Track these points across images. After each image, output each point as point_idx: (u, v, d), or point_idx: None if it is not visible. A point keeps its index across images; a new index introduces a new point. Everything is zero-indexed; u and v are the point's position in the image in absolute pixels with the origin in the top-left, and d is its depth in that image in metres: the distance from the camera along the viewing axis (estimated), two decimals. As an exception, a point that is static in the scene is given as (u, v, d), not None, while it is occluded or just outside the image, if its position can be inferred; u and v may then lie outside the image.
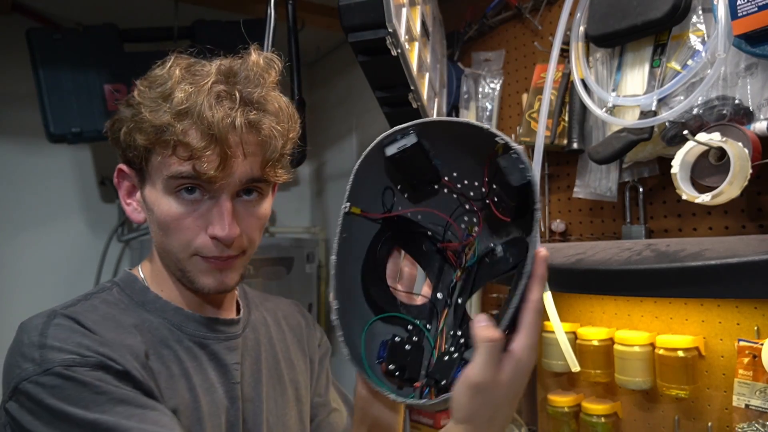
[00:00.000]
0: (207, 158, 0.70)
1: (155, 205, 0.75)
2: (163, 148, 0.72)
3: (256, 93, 0.74)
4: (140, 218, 0.80)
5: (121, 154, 0.79)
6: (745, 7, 0.95)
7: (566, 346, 1.19)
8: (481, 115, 1.73)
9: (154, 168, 0.74)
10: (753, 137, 1.02)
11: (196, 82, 0.72)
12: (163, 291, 0.81)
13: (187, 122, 0.70)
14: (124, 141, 0.76)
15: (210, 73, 0.73)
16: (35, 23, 1.95)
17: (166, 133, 0.70)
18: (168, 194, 0.74)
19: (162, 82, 0.73)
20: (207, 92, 0.71)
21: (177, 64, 0.75)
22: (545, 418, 1.42)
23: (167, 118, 0.70)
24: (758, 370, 0.98)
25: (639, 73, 1.20)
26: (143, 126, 0.72)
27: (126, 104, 0.77)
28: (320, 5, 1.95)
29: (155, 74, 0.76)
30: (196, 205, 0.74)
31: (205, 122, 0.69)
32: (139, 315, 0.78)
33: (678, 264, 0.96)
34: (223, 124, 0.69)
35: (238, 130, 0.71)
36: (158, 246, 0.79)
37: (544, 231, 1.51)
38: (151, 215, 0.77)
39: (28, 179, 2.18)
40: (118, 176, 0.81)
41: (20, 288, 2.07)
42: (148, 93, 0.74)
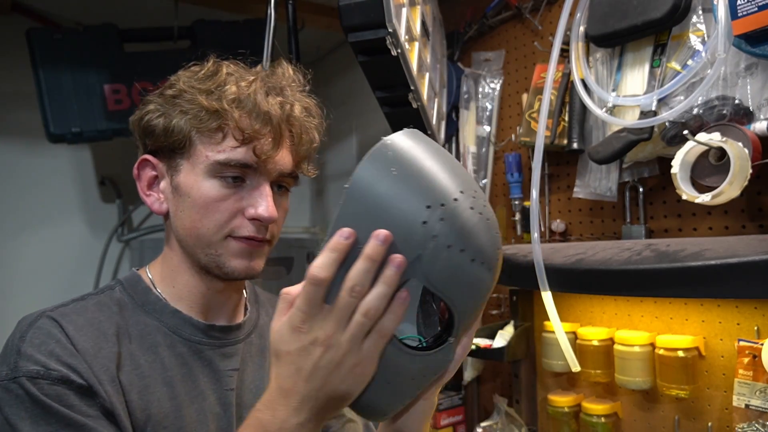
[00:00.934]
0: (263, 141, 0.76)
1: (193, 188, 0.76)
2: (213, 132, 0.75)
3: (295, 94, 0.82)
4: (163, 209, 0.80)
5: (149, 143, 0.80)
6: (745, 7, 0.95)
7: (566, 346, 1.20)
8: (481, 115, 1.73)
9: (197, 152, 0.76)
10: (753, 137, 1.02)
11: (244, 78, 0.78)
12: (174, 287, 0.81)
13: (242, 110, 0.75)
14: (163, 129, 0.77)
15: (254, 72, 0.80)
16: (35, 23, 1.95)
17: (221, 118, 0.75)
18: (211, 177, 0.76)
19: (210, 74, 0.78)
20: (257, 87, 0.77)
21: (220, 63, 0.80)
22: (545, 418, 1.42)
23: (223, 104, 0.75)
24: (758, 370, 0.98)
25: (639, 73, 1.20)
26: (191, 110, 0.75)
27: (160, 96, 0.80)
28: (320, 5, 1.95)
29: (195, 70, 0.80)
30: (237, 188, 0.77)
31: (261, 109, 0.76)
32: (135, 317, 0.78)
33: (678, 264, 0.96)
34: (276, 112, 0.77)
35: (286, 121, 0.78)
36: (186, 233, 0.78)
37: (544, 231, 1.51)
38: (183, 201, 0.77)
39: (28, 179, 2.18)
40: (139, 167, 0.81)
41: (20, 288, 2.07)
42: (195, 83, 0.77)
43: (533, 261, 1.17)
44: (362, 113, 2.28)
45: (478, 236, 0.55)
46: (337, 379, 0.56)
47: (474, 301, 0.59)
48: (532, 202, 1.22)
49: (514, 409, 1.48)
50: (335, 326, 0.55)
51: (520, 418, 1.46)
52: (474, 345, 1.43)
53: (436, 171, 0.56)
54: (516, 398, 1.49)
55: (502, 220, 1.68)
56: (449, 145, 1.80)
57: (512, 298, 1.48)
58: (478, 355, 1.45)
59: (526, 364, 1.47)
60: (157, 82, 1.96)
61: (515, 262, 1.27)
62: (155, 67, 1.88)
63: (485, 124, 1.72)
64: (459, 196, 0.55)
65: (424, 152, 0.57)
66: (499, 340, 1.43)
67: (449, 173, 0.56)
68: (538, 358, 1.44)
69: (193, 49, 1.90)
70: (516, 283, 1.39)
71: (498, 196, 1.71)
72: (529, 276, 1.18)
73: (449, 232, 0.54)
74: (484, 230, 0.56)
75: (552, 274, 1.15)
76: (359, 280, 0.54)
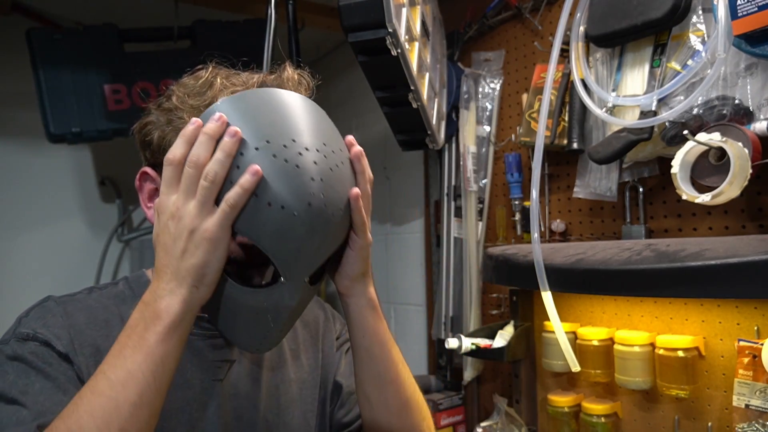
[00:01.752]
0: None
1: None
2: None
3: None
4: None
5: (149, 156, 0.80)
6: (745, 7, 0.95)
7: (566, 346, 1.20)
8: (481, 115, 1.73)
9: None
10: (753, 137, 1.02)
11: (237, 90, 0.74)
12: None
13: None
14: (156, 144, 0.77)
15: (249, 82, 0.76)
16: (35, 23, 1.95)
17: None
18: None
19: (201, 90, 0.76)
20: None
21: (215, 73, 0.78)
22: (545, 418, 1.42)
23: None
24: (758, 370, 0.98)
25: (639, 73, 1.20)
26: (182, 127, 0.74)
27: (158, 108, 0.78)
28: (320, 5, 1.95)
29: (190, 83, 0.78)
30: None
31: None
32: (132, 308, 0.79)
33: (678, 264, 0.96)
34: None
35: None
36: None
37: (544, 231, 1.51)
38: None
39: (28, 179, 2.18)
40: (141, 179, 0.81)
41: (20, 288, 2.07)
42: (188, 100, 0.75)
43: (533, 261, 1.17)
44: (362, 113, 2.28)
45: (273, 182, 0.62)
46: (192, 247, 0.62)
47: (284, 245, 0.64)
48: (532, 202, 1.22)
49: (514, 409, 1.48)
50: (184, 197, 0.63)
51: (520, 418, 1.46)
52: (474, 345, 1.43)
53: (268, 117, 0.66)
54: (516, 398, 1.49)
55: (502, 220, 1.68)
56: (449, 145, 1.80)
57: (512, 298, 1.48)
58: (478, 355, 1.45)
59: (526, 364, 1.47)
60: (157, 82, 1.98)
61: (515, 262, 1.27)
62: (155, 67, 1.88)
63: (485, 124, 1.72)
64: (261, 144, 0.63)
65: (278, 103, 0.68)
66: (499, 340, 1.43)
67: (271, 122, 0.65)
68: (538, 358, 1.44)
69: (193, 49, 1.92)
70: (516, 283, 1.39)
71: (498, 196, 1.71)
72: (529, 276, 1.18)
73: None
74: (283, 177, 0.62)
75: (552, 274, 1.15)
76: (198, 151, 0.63)
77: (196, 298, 0.64)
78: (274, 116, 0.66)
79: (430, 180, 2.01)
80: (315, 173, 0.64)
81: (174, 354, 0.63)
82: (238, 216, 0.62)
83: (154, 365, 0.60)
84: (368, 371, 0.80)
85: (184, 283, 0.63)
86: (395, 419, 0.81)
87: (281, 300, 0.69)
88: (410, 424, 0.82)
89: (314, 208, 0.63)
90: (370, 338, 0.79)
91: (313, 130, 0.67)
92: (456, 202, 1.78)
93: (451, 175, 1.80)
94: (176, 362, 0.63)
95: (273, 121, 0.66)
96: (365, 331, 0.79)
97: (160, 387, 0.61)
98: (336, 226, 0.68)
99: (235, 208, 0.62)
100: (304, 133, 0.66)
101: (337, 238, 0.70)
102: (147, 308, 0.63)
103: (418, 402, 0.84)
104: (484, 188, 1.73)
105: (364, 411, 0.83)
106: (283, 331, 0.74)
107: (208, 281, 0.64)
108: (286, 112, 0.67)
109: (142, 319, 0.62)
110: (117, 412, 0.58)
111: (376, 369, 0.80)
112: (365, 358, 0.80)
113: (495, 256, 1.36)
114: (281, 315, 0.70)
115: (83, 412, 0.58)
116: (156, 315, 0.62)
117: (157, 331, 0.61)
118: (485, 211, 1.73)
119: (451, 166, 1.80)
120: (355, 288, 0.78)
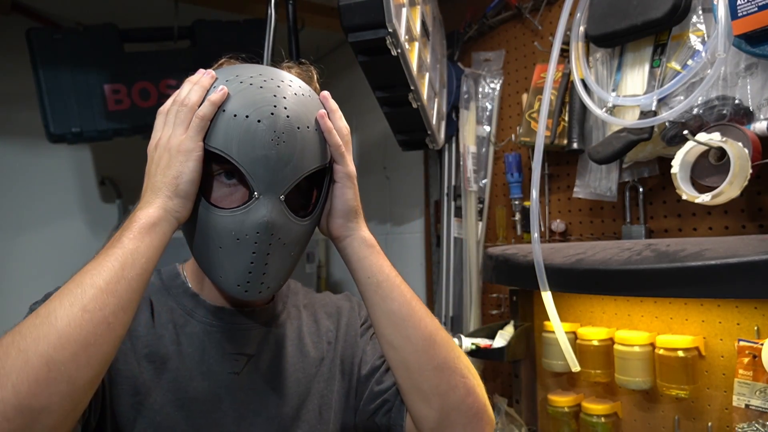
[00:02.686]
0: None
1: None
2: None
3: None
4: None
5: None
6: (745, 7, 0.95)
7: (566, 346, 1.20)
8: (481, 115, 1.73)
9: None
10: (753, 137, 1.02)
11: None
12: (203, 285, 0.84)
13: None
14: None
15: None
16: (35, 23, 1.95)
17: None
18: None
19: None
20: None
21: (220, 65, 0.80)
22: (545, 418, 1.42)
23: None
24: (758, 370, 0.98)
25: (639, 73, 1.20)
26: None
27: None
28: (320, 5, 1.96)
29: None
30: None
31: None
32: (160, 298, 0.83)
33: (678, 264, 0.96)
34: None
35: None
36: None
37: (544, 231, 1.51)
38: None
39: (28, 179, 2.18)
40: None
41: (20, 287, 2.07)
42: None
43: (533, 261, 1.17)
44: (362, 113, 2.28)
45: (239, 98, 0.70)
46: (166, 162, 0.69)
47: (252, 152, 0.69)
48: (532, 202, 1.22)
49: (514, 409, 1.48)
50: (167, 130, 0.71)
51: (520, 418, 1.46)
52: (474, 345, 1.43)
53: (246, 71, 0.74)
54: (516, 398, 1.49)
55: (502, 220, 1.68)
56: (449, 145, 1.80)
57: (512, 298, 1.48)
58: (478, 355, 1.45)
59: (526, 364, 1.47)
60: (157, 82, 1.98)
61: (515, 262, 1.27)
62: (155, 67, 1.88)
63: (485, 124, 1.72)
64: (231, 78, 0.72)
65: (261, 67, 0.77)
66: (499, 340, 1.43)
67: (248, 71, 0.74)
68: (538, 358, 1.44)
69: (193, 49, 1.92)
70: (516, 283, 1.39)
71: (498, 196, 1.71)
72: (529, 276, 1.18)
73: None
74: (248, 94, 0.70)
75: (552, 274, 1.15)
76: (182, 92, 0.72)
77: (171, 206, 0.68)
78: (251, 70, 0.75)
79: (430, 180, 2.01)
80: (278, 92, 0.71)
81: (145, 253, 0.65)
82: (211, 131, 0.69)
83: (123, 256, 0.63)
84: (382, 312, 0.78)
85: (159, 193, 0.68)
86: (423, 357, 0.76)
87: (257, 215, 0.70)
88: (441, 358, 0.76)
89: (277, 117, 0.69)
90: (376, 276, 0.78)
91: (285, 75, 0.75)
92: (456, 202, 1.78)
93: (451, 175, 1.80)
94: (148, 263, 0.65)
95: (249, 71, 0.74)
96: (368, 269, 0.78)
97: (129, 280, 0.62)
98: (304, 140, 0.71)
99: (204, 119, 0.69)
100: (275, 73, 0.74)
101: (309, 153, 0.72)
102: (127, 221, 0.67)
103: (443, 338, 0.78)
104: (484, 188, 1.73)
105: (392, 359, 0.79)
106: (271, 267, 0.73)
107: (182, 191, 0.68)
108: (264, 68, 0.76)
109: (120, 229, 0.66)
110: (82, 293, 0.59)
111: (389, 307, 0.77)
112: (376, 299, 0.78)
113: (495, 256, 1.36)
114: (261, 239, 0.71)
115: (54, 297, 0.59)
116: (132, 220, 0.66)
117: (131, 230, 0.65)
118: (485, 211, 1.73)
119: (451, 166, 1.80)
120: (348, 228, 0.79)
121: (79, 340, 0.57)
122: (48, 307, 0.58)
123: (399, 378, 0.79)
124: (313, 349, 0.90)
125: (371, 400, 0.87)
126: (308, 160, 0.72)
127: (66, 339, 0.56)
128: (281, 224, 0.71)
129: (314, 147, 0.73)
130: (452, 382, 0.76)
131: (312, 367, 0.88)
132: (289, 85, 0.73)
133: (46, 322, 0.57)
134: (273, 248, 0.72)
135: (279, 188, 0.70)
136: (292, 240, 0.74)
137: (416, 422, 0.79)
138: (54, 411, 0.55)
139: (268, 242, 0.71)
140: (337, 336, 0.93)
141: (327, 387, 0.89)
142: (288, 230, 0.73)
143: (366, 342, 0.93)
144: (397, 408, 0.83)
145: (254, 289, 0.74)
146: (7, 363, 0.54)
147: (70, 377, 0.56)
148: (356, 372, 0.91)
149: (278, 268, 0.75)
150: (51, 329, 0.56)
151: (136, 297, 0.63)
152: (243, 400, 0.80)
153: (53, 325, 0.56)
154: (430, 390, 0.76)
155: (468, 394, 0.77)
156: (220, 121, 0.69)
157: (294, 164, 0.71)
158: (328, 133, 0.74)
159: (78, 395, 0.57)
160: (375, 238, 0.81)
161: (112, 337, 0.60)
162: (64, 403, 0.56)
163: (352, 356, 0.92)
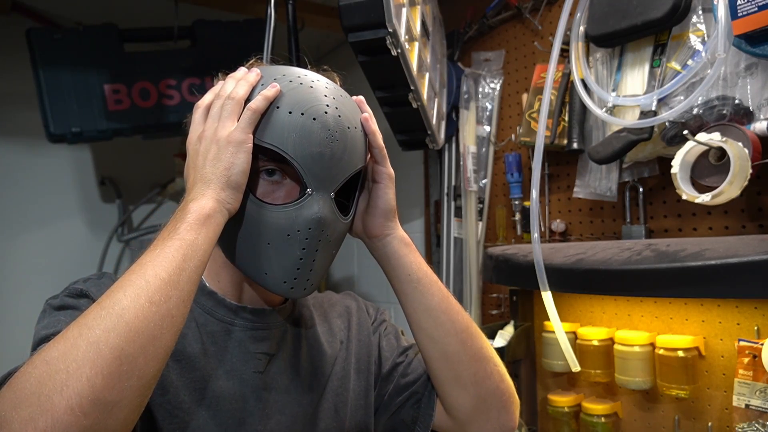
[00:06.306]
0: None
1: None
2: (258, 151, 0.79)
3: None
4: None
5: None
6: (745, 7, 0.95)
7: (566, 346, 1.20)
8: (481, 115, 1.73)
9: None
10: (753, 137, 1.02)
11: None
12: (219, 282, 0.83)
13: None
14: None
15: None
16: (35, 23, 1.96)
17: None
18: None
19: None
20: None
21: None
22: (545, 418, 1.42)
23: None
24: (758, 370, 0.98)
25: (639, 73, 1.20)
26: None
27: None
28: (320, 5, 1.96)
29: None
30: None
31: None
32: None
33: (678, 264, 0.96)
34: None
35: None
36: None
37: (544, 231, 1.51)
38: None
39: (28, 179, 2.18)
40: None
41: (20, 287, 2.07)
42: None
43: (533, 261, 1.17)
44: (362, 113, 2.28)
45: (291, 96, 0.70)
46: (215, 154, 0.68)
47: (307, 148, 0.69)
48: (532, 202, 1.22)
49: (514, 409, 1.48)
50: (211, 122, 0.70)
51: (520, 418, 1.46)
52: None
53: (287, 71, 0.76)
54: (516, 398, 1.49)
55: (502, 220, 1.68)
56: (449, 145, 1.80)
57: (512, 298, 1.48)
58: (478, 355, 1.45)
59: (526, 364, 1.47)
60: (157, 82, 1.98)
61: (515, 262, 1.27)
62: (155, 67, 1.88)
63: (485, 124, 1.72)
64: (279, 77, 0.73)
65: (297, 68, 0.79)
66: (499, 340, 1.43)
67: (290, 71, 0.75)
68: (538, 358, 1.44)
69: (193, 49, 1.92)
70: (516, 283, 1.39)
71: (498, 196, 1.72)
72: (529, 276, 1.18)
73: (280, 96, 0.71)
74: (300, 92, 0.71)
75: (552, 274, 1.15)
76: (226, 86, 0.72)
77: (223, 197, 0.67)
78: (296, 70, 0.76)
79: (430, 180, 2.01)
80: (328, 93, 0.72)
81: (202, 245, 0.63)
82: (264, 127, 0.70)
83: (183, 248, 0.61)
84: (422, 307, 0.81)
85: (210, 185, 0.67)
86: (462, 347, 0.80)
87: (310, 212, 0.70)
88: (477, 348, 0.81)
89: (330, 117, 0.70)
90: (416, 273, 0.81)
91: (323, 77, 0.76)
92: (456, 202, 1.78)
93: (451, 175, 1.80)
94: (204, 255, 0.64)
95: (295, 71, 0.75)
96: (408, 267, 0.80)
97: (190, 272, 0.61)
98: (353, 139, 0.73)
99: (257, 113, 0.68)
100: (316, 75, 0.75)
101: (356, 153, 0.74)
102: (179, 212, 0.66)
103: (476, 329, 0.83)
104: (484, 188, 1.73)
105: (431, 351, 0.82)
106: (316, 264, 0.74)
107: (233, 182, 0.67)
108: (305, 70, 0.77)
109: (173, 220, 0.65)
110: (146, 285, 0.57)
111: (429, 302, 0.80)
112: (416, 295, 0.81)
113: (495, 256, 1.36)
114: (312, 234, 0.71)
115: (117, 289, 0.57)
116: (186, 212, 0.65)
117: (186, 221, 0.64)
118: (485, 211, 1.73)
119: (451, 166, 1.80)
120: (388, 226, 0.81)
121: (146, 332, 0.55)
122: (111, 299, 0.56)
123: (437, 369, 0.83)
124: (328, 348, 0.90)
125: (398, 393, 0.89)
126: (355, 159, 0.74)
127: (135, 332, 0.55)
128: (330, 221, 0.73)
129: (360, 147, 0.75)
130: (488, 369, 0.81)
131: (327, 366, 0.89)
132: (333, 87, 0.74)
133: (113, 314, 0.55)
134: (321, 245, 0.73)
135: (330, 185, 0.72)
136: (336, 238, 0.76)
137: (452, 410, 0.84)
138: (125, 406, 0.54)
139: (318, 239, 0.72)
140: (349, 336, 0.93)
141: (342, 385, 0.89)
142: (335, 228, 0.74)
143: (379, 339, 0.95)
144: (427, 398, 0.87)
145: (300, 286, 0.74)
146: (78, 355, 0.52)
147: (140, 371, 0.54)
148: (374, 370, 0.92)
149: (322, 265, 0.76)
150: (120, 321, 0.54)
151: (194, 289, 0.62)
152: (267, 399, 0.80)
153: (122, 317, 0.55)
154: (468, 378, 0.81)
155: (501, 380, 0.82)
156: (274, 117, 0.70)
157: (345, 162, 0.72)
158: (372, 135, 0.76)
159: (146, 389, 0.56)
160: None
161: (174, 330, 0.59)
162: (134, 397, 0.54)
163: (367, 355, 0.93)
